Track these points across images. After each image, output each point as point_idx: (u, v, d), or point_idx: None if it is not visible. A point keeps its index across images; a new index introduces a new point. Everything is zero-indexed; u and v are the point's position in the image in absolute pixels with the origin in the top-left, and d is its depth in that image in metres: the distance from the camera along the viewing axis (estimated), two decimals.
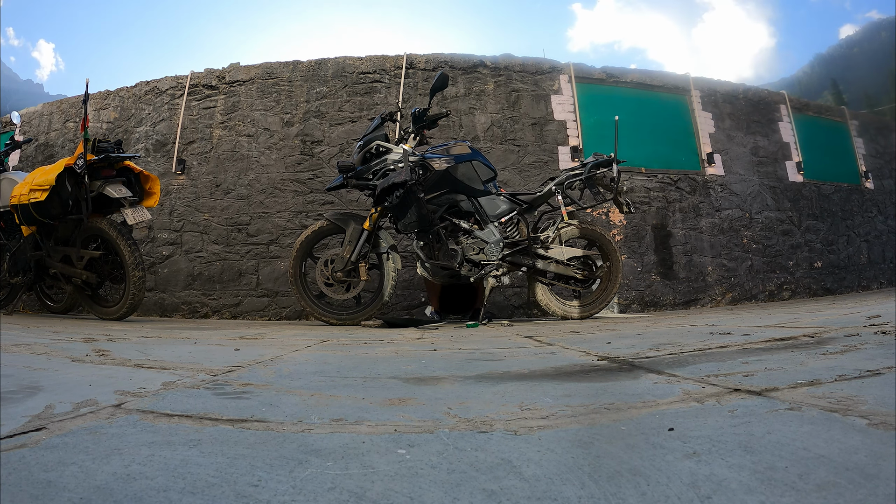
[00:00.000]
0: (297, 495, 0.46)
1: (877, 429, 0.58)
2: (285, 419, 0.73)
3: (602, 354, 1.37)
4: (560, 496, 0.45)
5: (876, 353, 1.09)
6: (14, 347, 1.51)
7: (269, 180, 4.40)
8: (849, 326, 1.61)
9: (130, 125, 4.74)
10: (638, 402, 0.79)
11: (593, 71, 5.02)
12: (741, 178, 5.20)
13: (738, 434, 0.59)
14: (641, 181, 4.77)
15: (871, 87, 61.38)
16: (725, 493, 0.44)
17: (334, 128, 4.47)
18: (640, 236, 4.64)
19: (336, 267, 3.13)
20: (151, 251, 4.35)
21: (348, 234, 3.12)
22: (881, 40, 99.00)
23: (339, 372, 1.18)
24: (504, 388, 0.95)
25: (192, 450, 0.58)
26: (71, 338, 1.89)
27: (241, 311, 4.19)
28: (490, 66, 4.74)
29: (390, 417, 0.74)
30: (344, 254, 3.11)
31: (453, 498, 0.45)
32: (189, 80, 4.69)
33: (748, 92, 5.62)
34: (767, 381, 0.87)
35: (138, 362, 1.30)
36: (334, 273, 3.13)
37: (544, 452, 0.56)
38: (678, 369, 1.06)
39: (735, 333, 1.69)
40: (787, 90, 6.56)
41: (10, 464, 0.52)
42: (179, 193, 4.46)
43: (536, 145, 4.60)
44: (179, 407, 0.80)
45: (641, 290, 4.51)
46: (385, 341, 1.99)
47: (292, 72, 4.63)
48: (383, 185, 2.96)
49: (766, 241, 5.13)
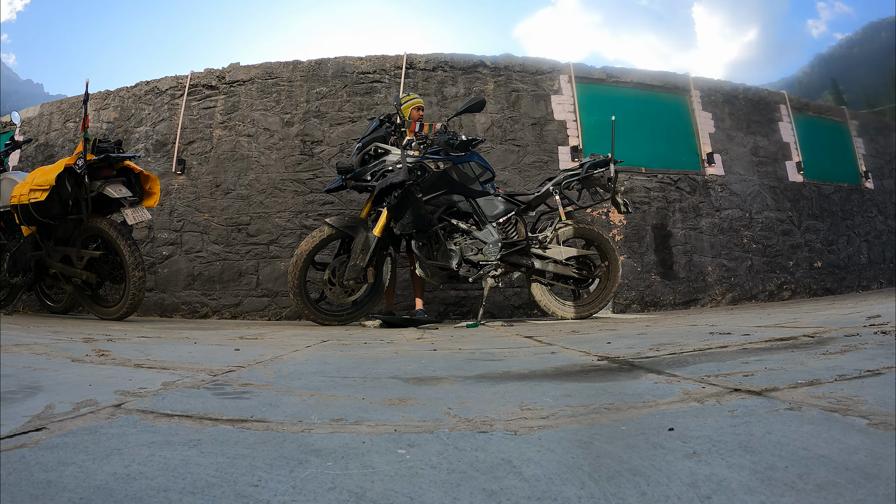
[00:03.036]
0: (297, 495, 0.46)
1: (877, 429, 0.58)
2: (285, 419, 0.73)
3: (602, 354, 1.37)
4: (560, 496, 0.45)
5: (876, 353, 1.09)
6: (14, 347, 1.51)
7: (269, 180, 4.40)
8: (849, 326, 1.61)
9: (130, 125, 4.74)
10: (638, 402, 0.79)
11: (593, 71, 5.02)
12: (741, 178, 5.20)
13: (738, 434, 0.59)
14: (641, 181, 4.77)
15: (871, 87, 61.39)
16: (725, 493, 0.44)
17: (334, 128, 4.47)
18: (639, 236, 4.64)
19: (348, 276, 3.03)
20: (151, 251, 4.35)
21: (361, 242, 3.04)
22: (881, 40, 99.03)
23: (339, 372, 1.18)
24: (504, 388, 0.95)
25: (192, 450, 0.58)
26: (71, 338, 1.89)
27: (241, 312, 4.19)
28: (490, 66, 4.74)
29: (390, 417, 0.74)
30: (357, 262, 3.02)
31: (453, 498, 0.45)
32: (189, 80, 4.69)
33: (748, 92, 5.62)
34: (767, 381, 0.87)
35: (138, 362, 1.30)
36: (346, 281, 3.04)
37: (544, 452, 0.56)
38: (678, 369, 1.06)
39: (735, 333, 1.69)
40: (787, 90, 6.56)
41: (10, 464, 0.52)
42: (179, 193, 4.46)
43: (536, 145, 4.60)
44: (179, 407, 0.80)
45: (641, 290, 4.51)
46: (385, 341, 1.99)
47: (292, 72, 4.63)
48: (382, 185, 2.96)
49: (766, 241, 5.13)
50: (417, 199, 2.95)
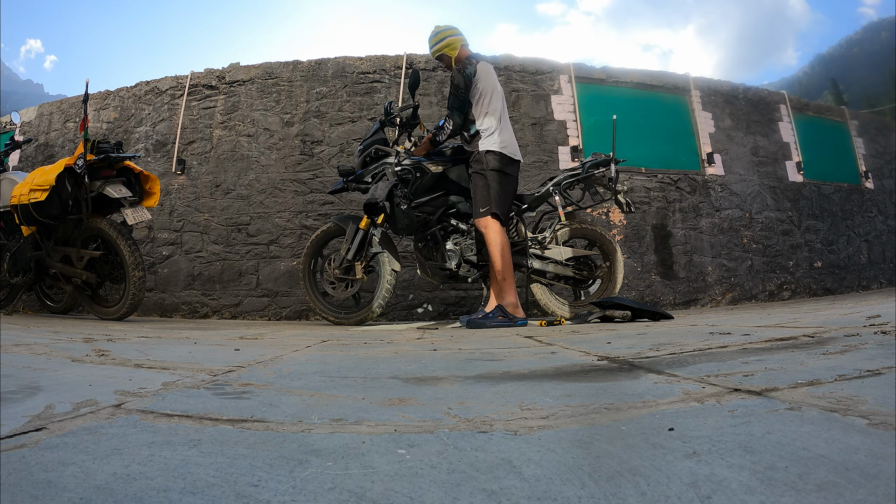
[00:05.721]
0: (297, 495, 0.46)
1: (877, 429, 0.58)
2: (285, 419, 0.73)
3: (602, 354, 1.37)
4: (560, 496, 0.45)
5: (876, 353, 1.09)
6: (14, 347, 1.51)
7: (269, 180, 4.40)
8: (849, 326, 1.61)
9: (130, 125, 4.74)
10: (638, 402, 0.79)
11: (593, 71, 5.02)
12: (741, 178, 5.20)
13: (738, 434, 0.59)
14: (641, 181, 4.77)
15: (871, 87, 61.37)
16: (725, 493, 0.44)
17: (334, 128, 4.47)
18: (640, 236, 4.64)
19: (334, 266, 3.18)
20: (151, 251, 4.35)
21: (347, 234, 3.18)
22: (881, 40, 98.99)
23: (339, 372, 1.18)
24: (504, 388, 0.95)
25: (192, 450, 0.58)
26: (71, 338, 1.89)
27: (241, 311, 4.19)
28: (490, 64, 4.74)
29: (390, 417, 0.74)
30: (342, 252, 3.16)
31: (453, 498, 0.45)
32: (189, 80, 4.69)
33: (748, 92, 5.62)
34: (767, 381, 0.87)
35: (138, 362, 1.30)
36: (332, 271, 3.18)
37: (544, 452, 0.56)
38: (678, 369, 1.06)
39: (735, 333, 1.69)
40: (787, 90, 6.55)
41: (10, 464, 0.52)
42: (179, 193, 4.46)
43: (536, 145, 4.60)
44: (179, 407, 0.80)
45: (641, 290, 4.51)
46: (385, 341, 1.99)
47: (292, 72, 4.63)
48: (367, 200, 3.00)
49: (766, 241, 5.13)
50: (404, 210, 3.00)
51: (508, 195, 3.01)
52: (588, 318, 2.79)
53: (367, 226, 3.12)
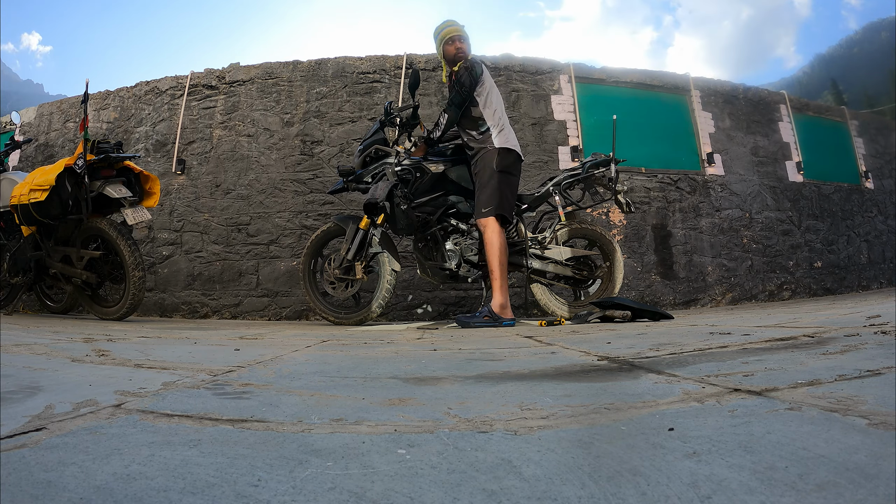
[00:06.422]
0: (297, 495, 0.46)
1: (877, 429, 0.58)
2: (285, 419, 0.73)
3: (602, 354, 1.37)
4: (560, 496, 0.45)
5: (876, 353, 1.09)
6: (14, 347, 1.51)
7: (269, 180, 4.40)
8: (849, 326, 1.61)
9: (130, 125, 4.74)
10: (638, 402, 0.79)
11: (593, 71, 5.02)
12: (741, 178, 5.20)
13: (738, 434, 0.59)
14: (641, 181, 4.77)
15: (871, 87, 61.38)
16: (725, 493, 0.44)
17: (334, 128, 4.47)
18: (640, 236, 4.64)
19: (334, 265, 3.18)
20: (151, 251, 4.35)
21: (347, 234, 3.19)
22: (881, 40, 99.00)
23: (339, 372, 1.18)
24: (504, 388, 0.95)
25: (192, 450, 0.58)
26: (71, 338, 1.89)
27: (241, 312, 4.19)
28: (490, 66, 4.74)
29: (390, 417, 0.74)
30: (342, 252, 3.17)
31: (453, 498, 0.45)
32: (189, 80, 4.69)
33: (748, 92, 5.62)
34: (767, 381, 0.87)
35: (138, 362, 1.30)
36: (333, 271, 3.18)
37: (544, 452, 0.56)
38: (678, 369, 1.06)
39: (735, 333, 1.69)
40: (787, 90, 6.55)
41: (10, 464, 0.52)
42: (179, 193, 4.46)
43: (536, 145, 4.60)
44: (179, 407, 0.80)
45: (641, 290, 4.51)
46: (385, 341, 1.99)
47: (292, 72, 4.63)
48: (367, 200, 3.01)
49: (766, 241, 5.13)
50: (403, 210, 3.01)
51: (514, 195, 3.06)
52: (588, 318, 2.79)
53: (367, 226, 3.12)
